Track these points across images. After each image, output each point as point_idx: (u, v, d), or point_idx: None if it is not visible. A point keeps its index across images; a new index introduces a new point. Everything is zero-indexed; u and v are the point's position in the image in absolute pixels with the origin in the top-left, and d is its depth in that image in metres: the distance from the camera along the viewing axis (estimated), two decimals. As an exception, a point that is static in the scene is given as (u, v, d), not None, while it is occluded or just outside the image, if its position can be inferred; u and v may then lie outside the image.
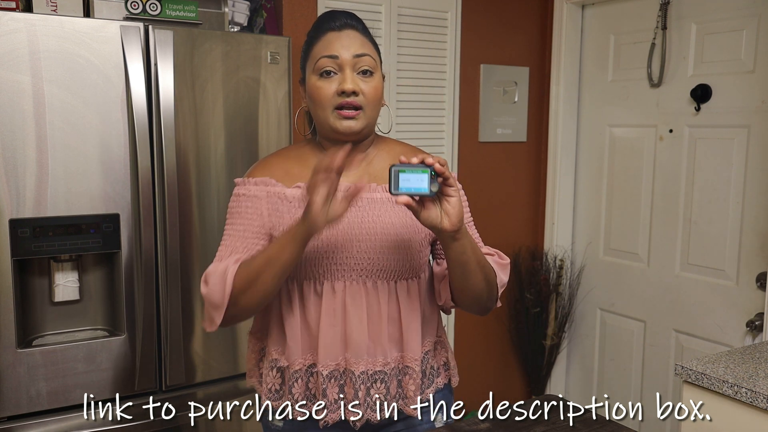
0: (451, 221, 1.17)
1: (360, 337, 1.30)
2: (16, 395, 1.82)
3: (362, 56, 1.29)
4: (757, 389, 1.58)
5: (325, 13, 1.37)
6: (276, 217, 1.31)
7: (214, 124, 2.03)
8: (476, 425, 1.29)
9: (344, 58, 1.28)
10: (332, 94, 1.28)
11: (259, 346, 1.44)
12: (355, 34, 1.31)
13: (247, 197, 1.33)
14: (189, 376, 2.06)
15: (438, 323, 1.46)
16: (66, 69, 1.80)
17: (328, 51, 1.29)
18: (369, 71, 1.30)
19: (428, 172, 1.13)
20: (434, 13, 2.76)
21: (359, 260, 1.30)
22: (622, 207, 2.89)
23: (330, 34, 1.30)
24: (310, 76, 1.32)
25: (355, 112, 1.28)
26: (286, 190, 1.32)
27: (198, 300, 2.06)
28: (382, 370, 1.32)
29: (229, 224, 1.34)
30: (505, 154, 3.05)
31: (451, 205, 1.17)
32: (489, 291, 1.33)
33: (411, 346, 1.34)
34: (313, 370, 1.34)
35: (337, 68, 1.28)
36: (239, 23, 2.33)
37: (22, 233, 1.79)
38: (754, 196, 2.40)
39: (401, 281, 1.34)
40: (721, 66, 2.48)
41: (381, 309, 1.32)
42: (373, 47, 1.33)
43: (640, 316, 2.84)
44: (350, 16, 1.34)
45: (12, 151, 1.77)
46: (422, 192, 1.14)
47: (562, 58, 3.01)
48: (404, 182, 1.14)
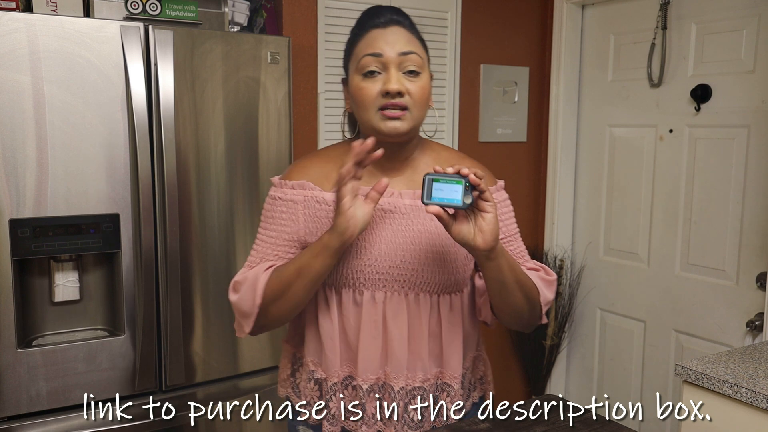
0: (484, 239, 1.10)
1: (400, 352, 1.25)
2: (16, 395, 1.82)
3: (408, 54, 1.21)
4: (757, 389, 1.58)
5: (368, 8, 1.29)
6: (313, 222, 1.26)
7: (214, 124, 2.03)
8: (476, 425, 1.28)
9: (389, 56, 1.20)
10: (376, 95, 1.20)
11: (292, 354, 1.40)
12: (401, 31, 1.23)
13: (283, 201, 1.28)
14: (189, 376, 2.06)
15: (478, 338, 1.41)
16: (66, 69, 1.80)
17: (371, 49, 1.21)
18: (415, 71, 1.21)
19: (462, 184, 1.07)
20: (434, 13, 2.76)
21: (402, 270, 1.24)
22: (622, 207, 2.89)
23: (374, 31, 1.22)
24: (353, 76, 1.24)
25: (401, 113, 1.20)
26: (324, 194, 1.26)
27: (198, 300, 2.05)
28: (421, 386, 1.28)
29: (263, 228, 1.30)
30: (505, 154, 3.05)
31: (486, 221, 1.10)
32: (531, 309, 1.26)
33: (451, 363, 1.29)
34: (351, 383, 1.29)
35: (382, 67, 1.20)
36: (239, 23, 2.33)
37: (22, 233, 1.79)
38: (754, 196, 2.40)
39: (444, 295, 1.28)
40: (721, 66, 2.48)
41: (422, 323, 1.26)
42: (420, 44, 1.25)
43: (640, 316, 2.84)
44: (395, 11, 1.26)
45: (12, 151, 1.77)
46: (455, 204, 1.08)
47: (562, 58, 3.01)
48: (437, 192, 1.08)
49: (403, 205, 1.25)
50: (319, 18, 2.50)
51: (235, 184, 2.08)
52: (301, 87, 2.47)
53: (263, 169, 2.13)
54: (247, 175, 2.10)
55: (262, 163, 2.12)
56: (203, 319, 2.07)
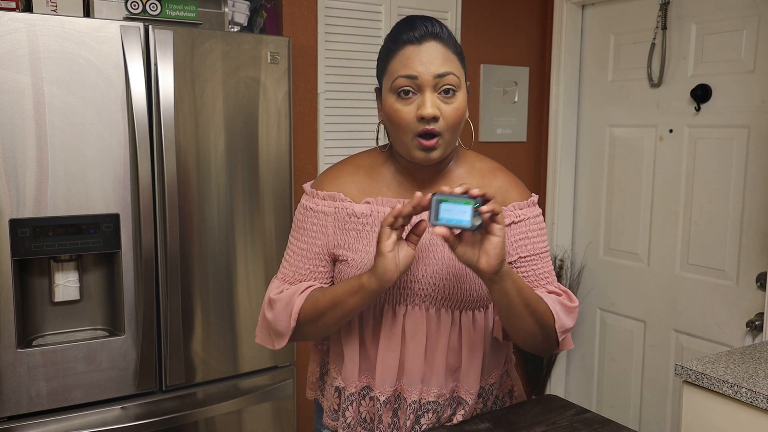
0: (488, 262, 1.07)
1: (415, 366, 1.25)
2: (16, 395, 1.82)
3: (444, 75, 1.16)
4: (757, 389, 1.58)
5: (403, 19, 1.22)
6: (342, 234, 1.25)
7: (214, 124, 2.03)
8: (476, 425, 1.29)
9: (424, 78, 1.15)
10: (412, 119, 1.16)
11: (321, 359, 1.40)
12: (437, 47, 1.17)
13: (314, 212, 1.27)
14: (189, 376, 2.06)
15: (508, 354, 1.39)
16: (66, 69, 1.80)
17: (406, 70, 1.16)
18: (452, 89, 1.17)
19: (471, 204, 1.04)
20: (434, 13, 2.76)
21: (423, 285, 1.23)
22: (622, 207, 2.89)
23: (409, 48, 1.17)
24: (388, 95, 1.19)
25: (435, 141, 1.17)
26: (354, 206, 1.25)
27: (198, 300, 2.05)
28: (435, 401, 1.27)
29: (294, 238, 1.29)
30: (505, 154, 3.05)
31: (492, 244, 1.07)
32: (544, 335, 1.22)
33: (468, 379, 1.28)
34: (368, 394, 1.30)
35: (416, 88, 1.16)
36: (239, 23, 2.33)
37: (22, 233, 1.79)
38: (754, 196, 2.40)
39: (466, 311, 1.26)
40: (721, 66, 2.48)
41: (440, 339, 1.25)
42: (457, 59, 1.20)
43: (640, 316, 2.84)
44: (431, 22, 1.19)
45: (12, 151, 1.77)
46: (462, 225, 1.05)
47: (562, 58, 3.01)
48: (444, 212, 1.05)
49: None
50: (319, 18, 2.50)
51: (235, 184, 2.08)
52: (301, 87, 2.48)
53: (263, 169, 2.13)
54: (247, 175, 2.10)
55: (262, 163, 2.12)
56: (203, 319, 2.07)
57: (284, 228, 2.18)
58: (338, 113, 2.59)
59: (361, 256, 1.23)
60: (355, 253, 1.23)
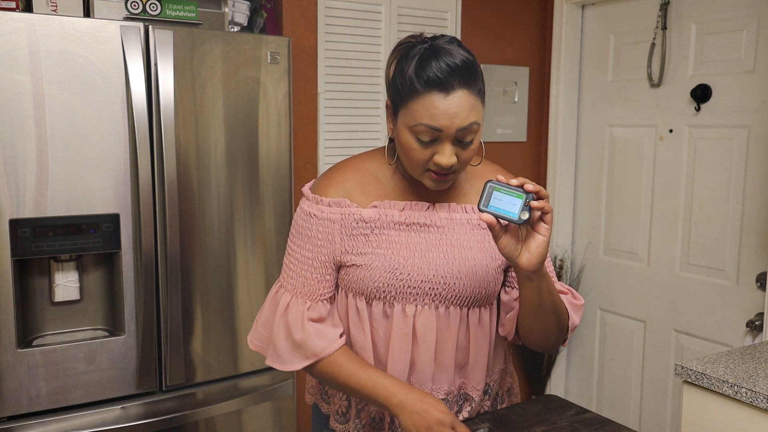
0: (529, 259, 1.07)
1: (426, 365, 1.26)
2: (16, 395, 1.82)
3: (468, 127, 1.13)
4: (757, 389, 1.58)
5: (430, 50, 1.14)
6: (349, 240, 1.23)
7: (214, 124, 2.03)
8: (476, 425, 1.29)
9: (448, 132, 1.12)
10: (428, 159, 1.15)
11: None
12: (465, 96, 1.11)
13: (319, 220, 1.23)
14: (189, 376, 2.06)
15: (506, 351, 1.41)
16: (66, 69, 1.80)
17: (431, 121, 1.11)
18: (471, 137, 1.15)
19: (523, 198, 1.03)
20: (434, 13, 2.76)
21: (434, 285, 1.23)
22: (622, 207, 2.89)
23: (435, 95, 1.10)
24: (404, 130, 1.15)
25: (447, 177, 1.18)
26: (362, 211, 1.23)
27: (198, 300, 2.05)
28: (444, 399, 1.29)
29: (298, 246, 1.26)
30: (505, 154, 3.05)
31: (536, 243, 1.06)
32: (558, 333, 1.25)
33: (475, 375, 1.30)
34: None
35: (437, 137, 1.13)
36: (239, 23, 2.33)
37: (22, 233, 1.79)
38: (754, 196, 2.40)
39: (474, 308, 1.27)
40: (721, 66, 2.48)
41: (450, 336, 1.26)
42: (480, 102, 1.14)
43: (640, 316, 2.84)
44: (461, 71, 1.11)
45: (12, 151, 1.77)
46: (509, 216, 1.04)
47: (562, 58, 3.01)
48: (495, 201, 1.04)
49: (438, 218, 1.25)
50: (319, 18, 2.50)
51: (235, 183, 2.08)
52: (301, 87, 2.47)
53: (263, 169, 2.13)
54: (247, 175, 2.10)
55: (262, 163, 2.12)
56: (203, 319, 2.07)
57: (284, 228, 2.18)
58: (338, 113, 2.59)
59: (371, 259, 1.22)
60: (364, 257, 1.23)
